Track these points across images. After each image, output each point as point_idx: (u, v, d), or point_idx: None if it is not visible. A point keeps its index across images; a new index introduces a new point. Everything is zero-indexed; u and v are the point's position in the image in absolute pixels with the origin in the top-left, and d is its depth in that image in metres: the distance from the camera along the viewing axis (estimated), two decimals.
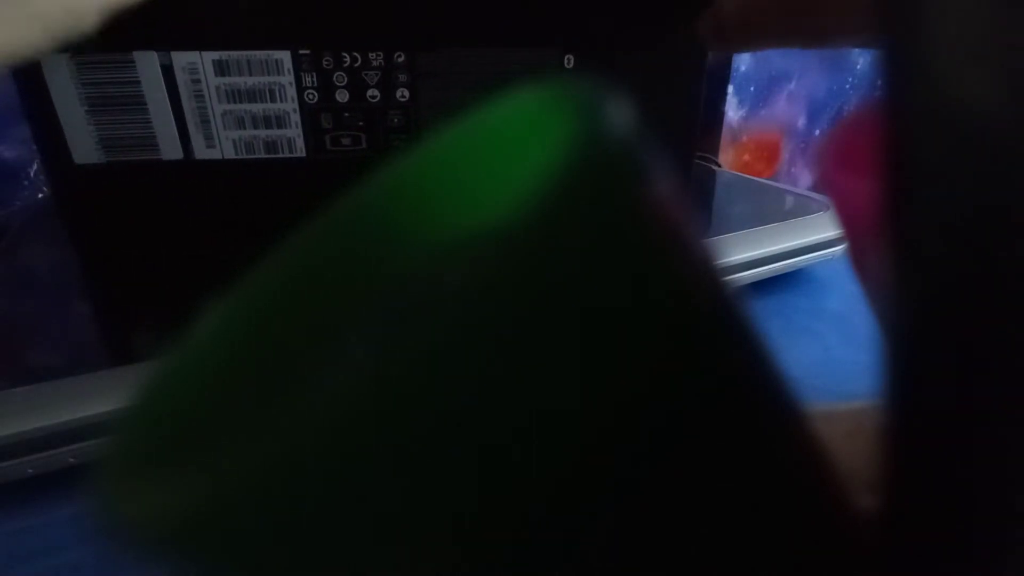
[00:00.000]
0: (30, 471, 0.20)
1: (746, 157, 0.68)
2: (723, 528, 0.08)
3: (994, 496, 0.07)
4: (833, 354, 0.29)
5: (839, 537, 0.10)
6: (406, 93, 0.28)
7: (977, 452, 0.07)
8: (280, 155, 0.28)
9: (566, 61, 0.29)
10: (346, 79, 0.28)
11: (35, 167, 0.42)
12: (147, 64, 0.26)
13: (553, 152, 0.08)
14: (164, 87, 0.26)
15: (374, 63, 0.28)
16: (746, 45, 0.30)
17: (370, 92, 0.28)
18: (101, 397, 0.20)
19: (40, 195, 0.43)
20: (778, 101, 0.67)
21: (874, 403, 0.09)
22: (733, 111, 0.64)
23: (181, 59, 0.26)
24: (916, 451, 0.08)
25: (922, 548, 0.09)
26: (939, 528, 0.08)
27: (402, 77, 0.28)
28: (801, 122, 0.70)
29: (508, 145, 0.09)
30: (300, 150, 0.28)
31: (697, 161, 0.52)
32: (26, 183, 0.42)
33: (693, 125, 0.33)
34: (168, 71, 0.26)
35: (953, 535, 0.08)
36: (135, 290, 0.29)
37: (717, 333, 0.08)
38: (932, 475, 0.08)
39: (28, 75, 0.25)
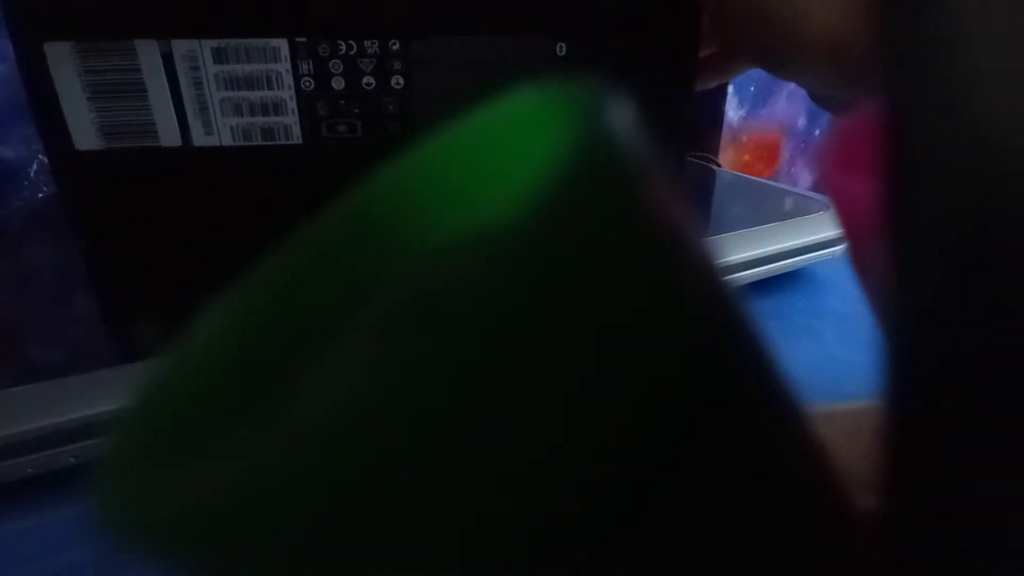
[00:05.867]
0: (30, 471, 0.20)
1: (746, 157, 0.68)
2: (722, 528, 0.08)
3: (994, 496, 0.07)
4: (833, 354, 0.29)
5: (839, 538, 0.10)
6: (401, 80, 0.28)
7: (977, 452, 0.07)
8: (277, 142, 0.28)
9: (558, 49, 0.29)
10: (342, 67, 0.28)
11: (35, 167, 0.42)
12: (148, 52, 0.26)
13: (552, 152, 0.08)
14: (164, 75, 0.26)
15: (369, 51, 0.28)
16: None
17: (365, 79, 0.28)
18: (101, 397, 0.20)
19: (40, 195, 0.43)
20: (778, 101, 0.67)
21: (874, 403, 0.09)
22: (733, 111, 0.64)
23: (181, 47, 0.26)
24: (916, 451, 0.08)
25: (922, 549, 0.09)
26: (939, 529, 0.08)
27: (397, 65, 0.28)
28: (801, 122, 0.70)
29: (507, 146, 0.09)
30: (297, 137, 0.28)
31: (697, 161, 0.52)
32: (26, 183, 0.42)
33: (685, 117, 0.33)
34: (168, 59, 0.26)
35: (953, 536, 0.08)
36: (134, 277, 0.29)
37: (717, 333, 0.08)
38: (932, 475, 0.08)
39: (32, 62, 0.25)
